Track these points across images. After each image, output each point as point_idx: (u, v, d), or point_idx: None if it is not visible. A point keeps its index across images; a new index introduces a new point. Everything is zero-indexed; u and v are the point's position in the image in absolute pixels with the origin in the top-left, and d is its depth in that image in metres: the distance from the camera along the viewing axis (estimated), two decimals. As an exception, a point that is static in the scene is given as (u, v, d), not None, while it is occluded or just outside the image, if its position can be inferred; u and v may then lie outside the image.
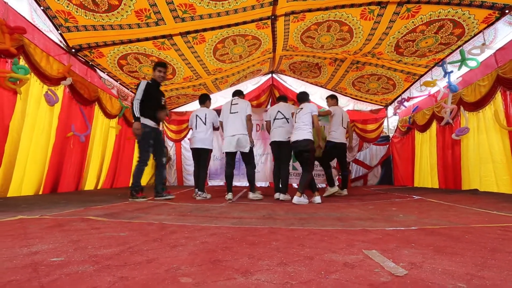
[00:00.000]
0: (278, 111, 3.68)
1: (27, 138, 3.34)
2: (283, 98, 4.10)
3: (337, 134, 3.95)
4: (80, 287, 0.72)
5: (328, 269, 0.87)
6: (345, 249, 1.11)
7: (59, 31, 3.58)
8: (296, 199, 2.94)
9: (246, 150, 3.46)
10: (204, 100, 3.97)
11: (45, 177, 3.69)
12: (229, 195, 3.42)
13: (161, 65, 3.40)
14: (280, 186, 3.55)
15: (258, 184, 6.68)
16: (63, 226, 1.54)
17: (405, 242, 1.22)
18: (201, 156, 3.78)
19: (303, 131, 3.15)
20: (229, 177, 3.57)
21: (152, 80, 3.35)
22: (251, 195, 3.40)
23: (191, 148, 3.88)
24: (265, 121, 4.02)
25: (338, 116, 4.00)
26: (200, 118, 3.78)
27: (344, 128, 4.08)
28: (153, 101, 3.27)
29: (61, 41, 3.77)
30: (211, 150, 3.87)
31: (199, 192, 3.61)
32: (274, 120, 3.69)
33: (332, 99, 4.30)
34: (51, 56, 3.59)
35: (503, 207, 2.34)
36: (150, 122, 3.21)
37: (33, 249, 1.06)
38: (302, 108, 3.30)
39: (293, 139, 3.24)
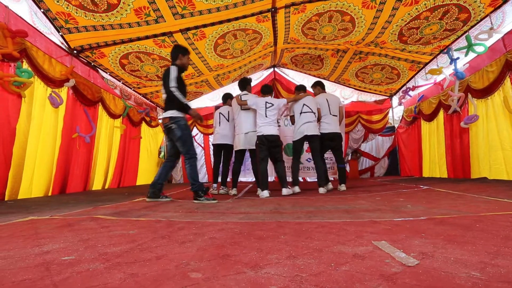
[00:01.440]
0: (304, 104, 3.53)
1: (34, 141, 3.38)
2: (269, 89, 3.78)
3: (326, 124, 3.68)
4: (92, 284, 0.72)
5: (338, 261, 0.86)
6: (354, 241, 1.10)
7: (60, 33, 3.59)
8: (285, 191, 3.20)
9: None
10: (226, 99, 4.16)
11: (54, 178, 3.75)
12: (234, 191, 3.46)
13: (188, 51, 2.97)
14: (318, 179, 3.50)
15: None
16: (73, 225, 1.56)
17: (415, 232, 1.21)
18: (224, 151, 3.91)
19: (275, 128, 3.34)
20: (236, 173, 3.61)
21: (178, 66, 2.89)
22: (259, 192, 3.40)
23: (213, 144, 4.01)
24: (290, 115, 3.74)
25: (324, 105, 3.72)
26: (223, 115, 3.94)
27: (334, 115, 3.74)
28: (183, 90, 2.82)
29: (62, 43, 3.78)
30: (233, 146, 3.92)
31: (222, 186, 3.72)
32: (301, 113, 3.52)
33: (315, 87, 4.02)
34: (54, 58, 3.61)
35: (514, 194, 2.30)
36: (182, 114, 2.78)
37: (44, 249, 1.07)
38: (272, 104, 3.38)
39: (268, 132, 3.30)
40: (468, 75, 4.31)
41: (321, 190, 3.34)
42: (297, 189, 3.34)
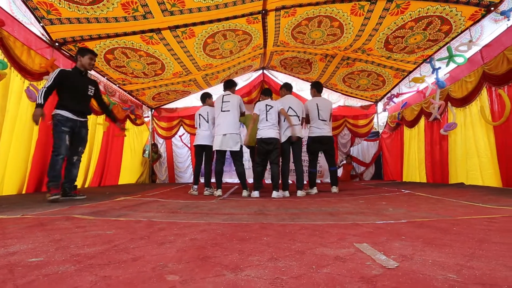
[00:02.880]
0: (290, 107, 3.53)
1: (8, 135, 3.20)
2: (269, 92, 3.85)
3: (314, 129, 3.76)
4: (59, 287, 0.68)
5: (320, 263, 0.85)
6: (337, 243, 1.10)
7: (41, 24, 3.43)
8: (275, 194, 3.20)
9: (236, 148, 3.44)
10: (205, 98, 4.05)
11: (28, 175, 3.56)
12: (219, 192, 3.42)
13: (92, 52, 3.02)
14: (296, 182, 3.52)
15: (249, 181, 6.66)
16: (46, 225, 1.47)
17: (396, 235, 1.23)
18: (206, 152, 3.88)
19: (273, 130, 3.36)
20: (219, 173, 3.57)
21: (74, 68, 2.96)
22: (244, 193, 3.39)
23: (194, 145, 3.97)
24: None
25: (313, 110, 3.76)
26: (202, 117, 3.89)
27: (323, 120, 3.73)
28: (73, 91, 2.85)
29: (43, 34, 3.62)
30: None
31: (206, 187, 3.72)
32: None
33: (311, 89, 4.05)
34: (33, 49, 3.44)
35: (488, 199, 2.40)
36: (66, 113, 2.79)
37: (10, 250, 1.00)
38: (272, 106, 3.41)
39: (265, 135, 3.35)
40: (449, 85, 4.49)
41: (299, 193, 3.39)
42: (287, 193, 3.35)
